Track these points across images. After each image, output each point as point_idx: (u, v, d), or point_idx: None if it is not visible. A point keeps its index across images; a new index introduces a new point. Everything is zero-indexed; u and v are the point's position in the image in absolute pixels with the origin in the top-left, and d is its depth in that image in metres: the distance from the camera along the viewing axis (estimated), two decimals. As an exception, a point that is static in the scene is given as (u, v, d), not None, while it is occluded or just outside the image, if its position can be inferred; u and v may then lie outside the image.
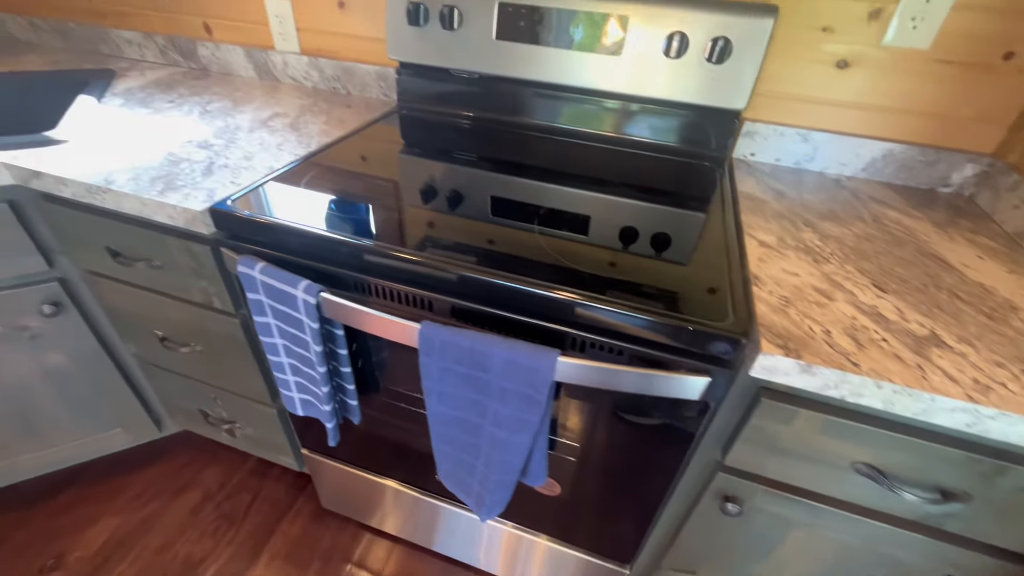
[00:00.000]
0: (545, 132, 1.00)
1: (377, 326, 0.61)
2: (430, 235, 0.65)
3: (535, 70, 0.94)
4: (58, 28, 1.35)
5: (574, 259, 0.62)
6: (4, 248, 0.84)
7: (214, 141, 0.89)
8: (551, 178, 0.84)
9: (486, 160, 0.88)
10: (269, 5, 1.12)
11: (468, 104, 1.03)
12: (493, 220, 0.70)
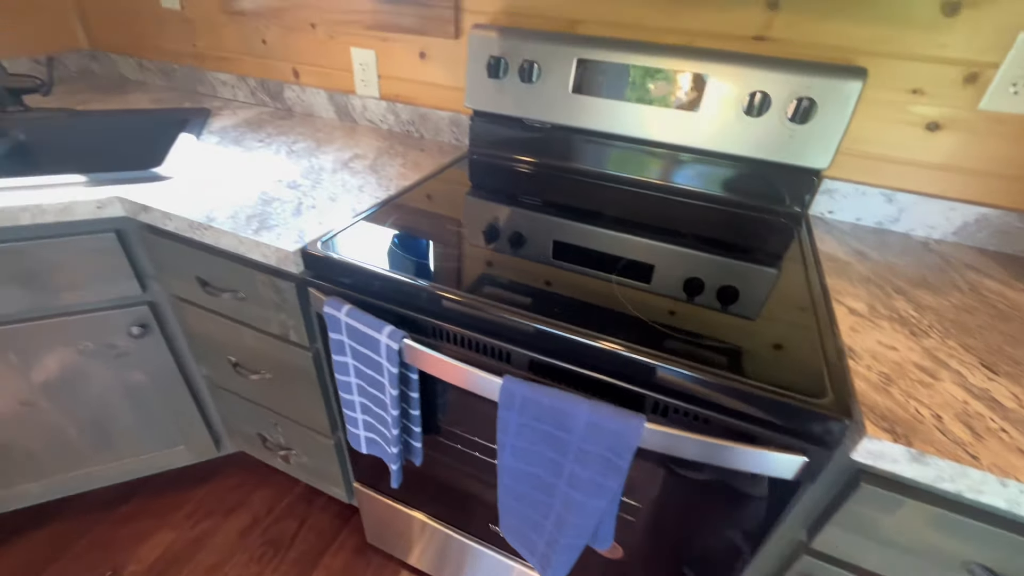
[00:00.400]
0: (617, 182, 1.01)
1: (459, 377, 0.61)
2: (508, 283, 0.66)
3: (608, 122, 0.95)
4: (163, 69, 1.48)
5: (650, 311, 0.61)
6: (106, 273, 0.90)
7: (301, 181, 0.94)
8: (625, 228, 0.84)
9: (560, 207, 0.90)
10: (355, 54, 1.19)
11: (538, 151, 1.06)
12: (569, 268, 0.70)
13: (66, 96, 1.34)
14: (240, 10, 1.27)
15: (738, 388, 0.52)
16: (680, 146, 0.93)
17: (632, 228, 0.85)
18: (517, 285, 0.67)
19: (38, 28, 1.45)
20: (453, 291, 0.64)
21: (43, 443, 1.06)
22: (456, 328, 0.65)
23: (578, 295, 0.66)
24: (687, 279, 0.72)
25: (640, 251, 0.78)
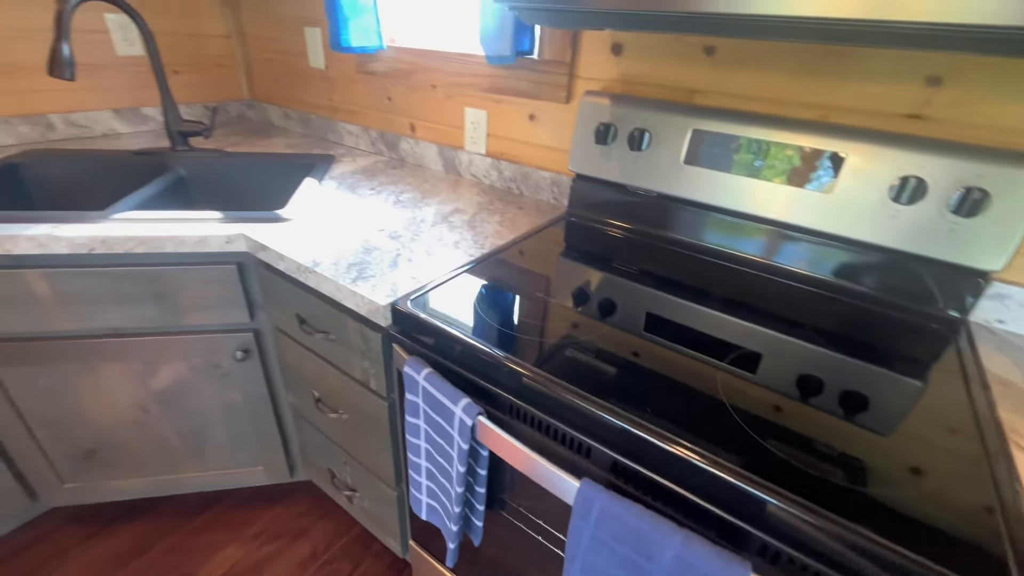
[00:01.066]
0: (727, 259, 0.92)
1: (532, 469, 0.56)
2: (595, 351, 0.60)
3: (722, 196, 0.88)
4: (302, 118, 1.67)
5: (754, 404, 0.52)
6: (223, 300, 0.99)
7: (402, 232, 0.97)
8: (731, 309, 0.75)
9: (658, 279, 0.83)
10: (469, 113, 1.25)
11: (639, 219, 1.01)
12: (662, 343, 0.63)
13: (222, 138, 1.54)
14: (372, 71, 1.39)
15: (879, 554, 0.41)
16: (805, 228, 0.82)
17: (739, 310, 0.76)
18: (604, 353, 0.62)
19: (213, 80, 1.71)
20: (532, 369, 0.60)
21: (149, 445, 1.16)
22: (534, 410, 0.60)
23: (669, 373, 0.59)
24: (802, 375, 0.62)
25: (747, 336, 0.69)
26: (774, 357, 0.66)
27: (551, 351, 0.64)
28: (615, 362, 0.62)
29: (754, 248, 0.89)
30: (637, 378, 0.60)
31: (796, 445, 0.51)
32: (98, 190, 1.30)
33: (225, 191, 1.36)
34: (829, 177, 0.78)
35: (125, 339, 1.00)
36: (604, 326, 0.70)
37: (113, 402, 1.08)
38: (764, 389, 0.59)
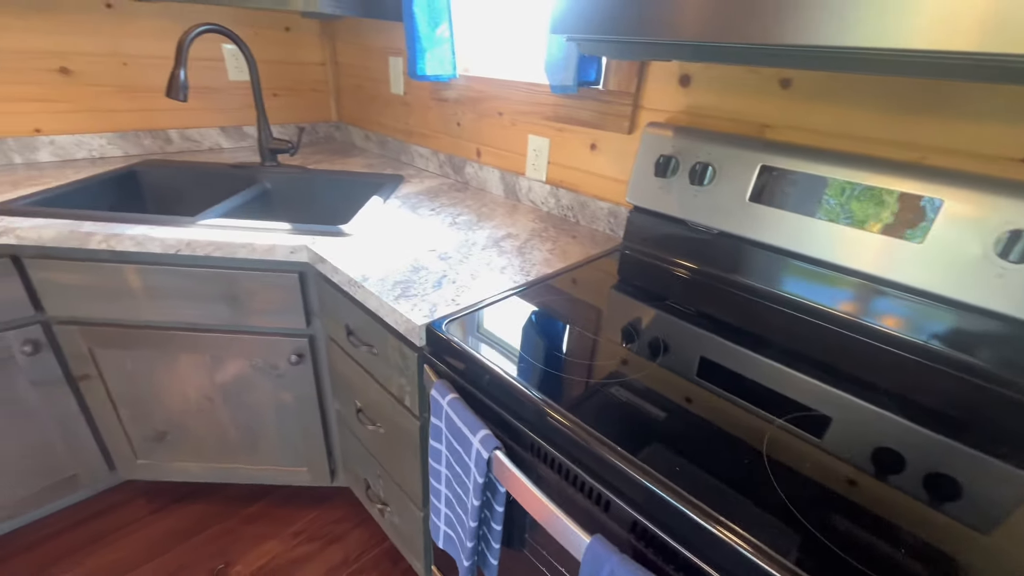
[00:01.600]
0: (792, 307, 0.84)
1: (542, 515, 0.53)
2: (642, 389, 0.56)
3: (791, 239, 0.81)
4: (380, 140, 1.77)
5: (816, 470, 0.45)
6: (284, 306, 1.05)
7: (452, 254, 0.99)
8: (796, 363, 0.67)
9: (715, 322, 0.77)
10: (532, 141, 1.26)
11: (697, 257, 0.95)
12: (714, 391, 0.57)
13: (306, 156, 1.68)
14: (445, 98, 1.45)
15: None
16: (890, 281, 0.73)
17: (805, 365, 0.68)
18: (648, 394, 0.57)
19: (307, 103, 1.87)
20: (554, 406, 0.57)
21: (210, 433, 1.25)
22: (553, 451, 0.57)
23: (720, 424, 0.53)
24: (879, 449, 0.53)
25: (814, 396, 0.61)
26: (846, 424, 0.58)
27: (584, 387, 0.61)
28: (658, 406, 0.58)
29: (827, 299, 0.80)
30: (678, 427, 0.55)
31: (864, 526, 0.44)
32: (197, 196, 1.45)
33: (301, 204, 1.47)
34: (923, 226, 0.69)
35: (198, 333, 1.09)
36: (651, 365, 0.66)
37: (184, 390, 1.18)
38: (831, 457, 0.52)
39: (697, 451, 0.52)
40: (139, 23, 1.44)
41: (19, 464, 1.17)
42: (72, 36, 1.35)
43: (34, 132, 1.37)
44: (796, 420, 0.58)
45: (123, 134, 1.50)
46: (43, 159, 1.40)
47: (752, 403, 0.60)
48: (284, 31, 1.72)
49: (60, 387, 1.15)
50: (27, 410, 1.13)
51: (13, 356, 1.07)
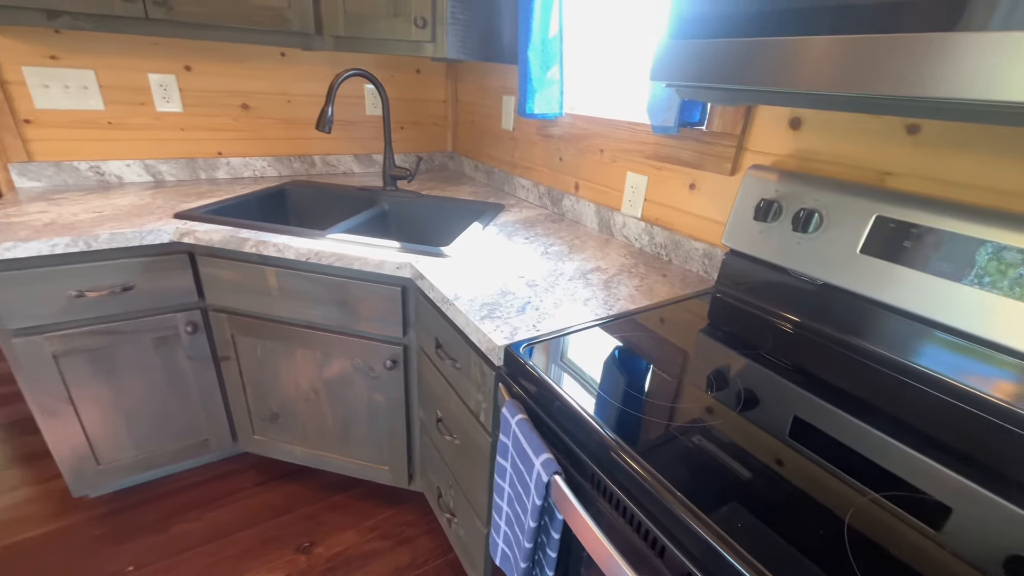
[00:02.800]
0: (910, 376, 0.75)
1: (594, 548, 0.53)
2: (727, 444, 0.54)
3: (911, 299, 0.73)
4: (487, 170, 1.90)
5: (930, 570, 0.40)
6: (385, 315, 1.17)
7: (539, 282, 1.03)
8: (916, 441, 0.60)
9: (814, 380, 0.72)
10: (630, 178, 1.28)
11: (797, 308, 0.88)
12: (808, 456, 0.53)
13: (421, 182, 1.85)
14: (550, 134, 1.53)
15: None
16: None
17: (927, 445, 0.60)
18: (729, 444, 0.55)
19: (428, 135, 2.08)
20: (620, 444, 0.57)
21: (311, 421, 1.40)
22: (613, 486, 0.57)
23: (798, 483, 0.50)
24: (1013, 556, 0.46)
25: (932, 479, 0.54)
26: (970, 518, 0.51)
27: (655, 427, 0.60)
28: (735, 457, 0.56)
29: (947, 368, 0.71)
30: (751, 482, 0.52)
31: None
32: (329, 213, 1.68)
33: (412, 225, 1.62)
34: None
35: (314, 331, 1.25)
36: (734, 416, 0.63)
37: (297, 380, 1.34)
38: (948, 555, 0.46)
39: (767, 509, 0.49)
40: (302, 68, 1.72)
41: (170, 424, 1.41)
42: (253, 79, 1.66)
43: (216, 154, 1.69)
44: (896, 498, 0.52)
45: (279, 158, 1.79)
46: (220, 176, 1.71)
47: (844, 470, 0.55)
48: (415, 72, 1.95)
49: (207, 363, 1.38)
50: (181, 379, 1.37)
51: (178, 333, 1.31)
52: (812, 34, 0.53)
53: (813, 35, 0.53)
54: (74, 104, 1.45)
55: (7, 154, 1.42)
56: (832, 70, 0.52)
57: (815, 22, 0.53)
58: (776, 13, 0.56)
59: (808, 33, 0.53)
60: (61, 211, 1.26)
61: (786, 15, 0.55)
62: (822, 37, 0.52)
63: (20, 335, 1.14)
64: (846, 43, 0.50)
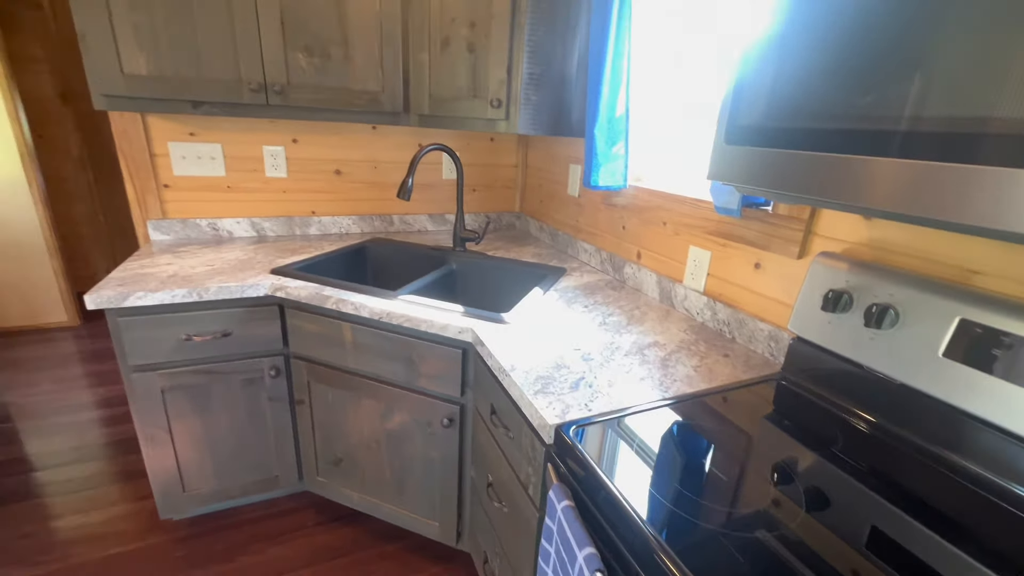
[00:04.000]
0: (995, 494, 0.67)
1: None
2: (794, 542, 0.52)
3: (1000, 413, 0.66)
4: (552, 232, 1.97)
5: None
6: (446, 375, 1.22)
7: (595, 356, 1.04)
8: (998, 566, 0.54)
9: (895, 488, 0.66)
10: (693, 252, 1.28)
11: (874, 408, 0.83)
12: (885, 569, 0.50)
13: (488, 243, 1.95)
14: (614, 203, 1.57)
15: None
16: None
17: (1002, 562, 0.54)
18: (804, 556, 0.53)
19: (497, 197, 2.20)
20: (666, 548, 0.56)
21: (370, 469, 1.46)
22: (657, 594, 0.56)
23: None
24: None
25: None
26: None
27: (704, 529, 0.59)
28: (808, 564, 0.53)
29: (1055, 498, 0.63)
30: (789, 613, 0.49)
31: None
32: (403, 270, 1.80)
33: (478, 285, 1.70)
34: None
35: (380, 384, 1.33)
36: (805, 519, 0.60)
37: (361, 429, 1.42)
38: None
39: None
40: (390, 139, 1.92)
41: (246, 458, 1.54)
42: (347, 149, 1.88)
43: (311, 213, 1.90)
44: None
45: (363, 217, 1.97)
46: (312, 232, 1.91)
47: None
48: (489, 141, 2.10)
49: (284, 405, 1.50)
50: (261, 418, 1.50)
51: (263, 376, 1.45)
52: (875, 155, 0.53)
53: (878, 156, 0.53)
54: (203, 171, 1.71)
55: (148, 212, 1.69)
56: (901, 193, 0.51)
57: (881, 144, 0.53)
58: (839, 133, 0.57)
59: (870, 153, 0.53)
60: (182, 263, 1.47)
61: (851, 135, 0.56)
62: (891, 160, 0.52)
63: (138, 371, 1.32)
64: (917, 169, 0.49)
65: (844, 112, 0.56)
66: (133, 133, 1.60)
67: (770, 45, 0.64)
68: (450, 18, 1.47)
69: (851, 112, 0.55)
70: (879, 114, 0.52)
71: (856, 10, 0.54)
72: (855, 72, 0.54)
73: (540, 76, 1.46)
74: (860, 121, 0.54)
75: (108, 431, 2.08)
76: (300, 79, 1.46)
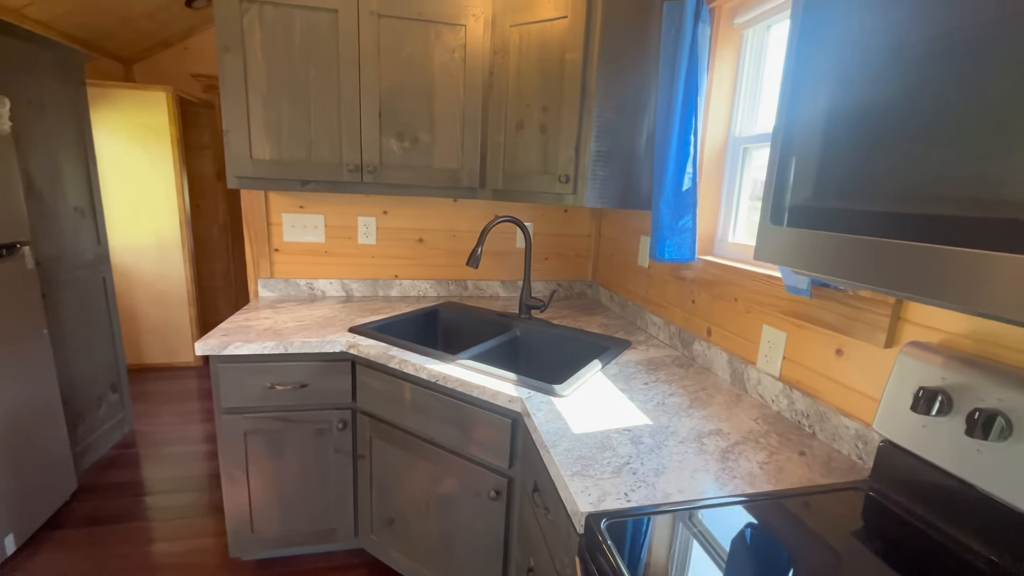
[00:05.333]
0: None
1: None
2: None
3: None
4: (621, 302, 1.93)
5: None
6: (495, 444, 1.21)
7: (646, 439, 0.97)
8: None
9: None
10: (766, 331, 1.18)
11: (989, 540, 0.67)
12: None
13: (556, 310, 1.96)
14: (684, 276, 1.52)
15: None
16: None
17: None
18: None
19: (569, 265, 2.23)
20: None
21: (419, 533, 1.45)
22: None
23: None
24: None
25: None
26: None
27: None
28: None
29: None
30: None
31: None
32: (470, 333, 1.86)
33: (538, 353, 1.70)
34: None
35: (433, 447, 1.35)
36: None
37: (413, 491, 1.43)
38: None
39: None
40: (467, 211, 2.06)
41: (310, 507, 1.60)
42: (429, 219, 2.04)
43: (394, 277, 2.07)
44: None
45: (440, 281, 2.09)
46: (393, 294, 2.06)
47: None
48: (563, 213, 2.16)
49: (347, 459, 1.57)
50: (326, 469, 1.58)
51: (332, 428, 1.54)
52: (952, 244, 0.46)
53: (961, 247, 0.45)
54: (307, 238, 1.95)
55: (259, 271, 1.95)
56: (1009, 294, 0.43)
57: (963, 233, 0.46)
58: (913, 217, 0.51)
59: (945, 242, 0.47)
60: (277, 318, 1.65)
61: (928, 221, 0.49)
62: (981, 252, 0.44)
63: (228, 413, 1.47)
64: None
65: (918, 192, 0.50)
66: (256, 206, 1.89)
67: (816, 108, 0.61)
68: (524, 103, 1.59)
69: (925, 192, 0.49)
70: (960, 195, 0.46)
71: (942, 65, 0.51)
72: (932, 142, 0.50)
73: (608, 153, 1.50)
74: (939, 204, 0.49)
75: (206, 465, 2.30)
76: (391, 160, 1.65)
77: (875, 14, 0.54)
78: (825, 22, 0.60)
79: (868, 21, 0.55)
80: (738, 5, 1.35)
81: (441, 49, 1.61)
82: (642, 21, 1.45)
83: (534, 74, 1.56)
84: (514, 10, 1.56)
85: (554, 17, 1.48)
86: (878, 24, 0.53)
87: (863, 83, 0.55)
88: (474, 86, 1.65)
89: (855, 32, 0.56)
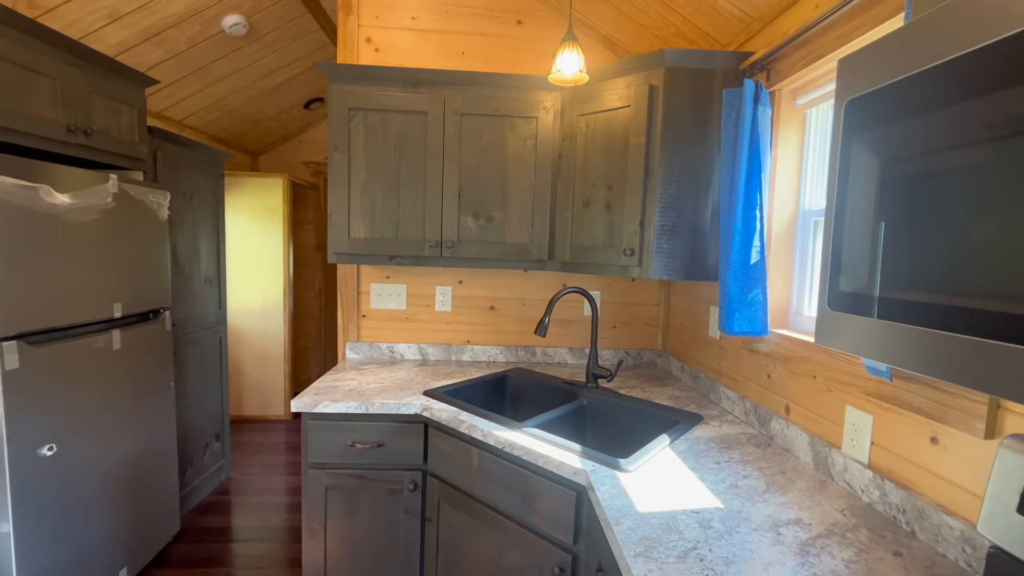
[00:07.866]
0: None
1: None
2: None
3: None
4: (693, 374, 1.88)
5: None
6: (559, 517, 1.20)
7: (716, 524, 0.94)
8: None
9: None
10: (850, 413, 1.11)
11: None
12: None
13: (624, 379, 1.94)
14: (757, 350, 1.47)
15: None
16: None
17: None
18: None
19: (638, 334, 2.22)
20: None
21: (483, 609, 1.43)
22: None
23: None
24: None
25: None
26: None
27: None
28: None
29: None
30: None
31: None
32: (537, 400, 1.89)
33: (604, 424, 1.68)
34: None
35: (498, 516, 1.36)
36: None
37: (476, 560, 1.43)
38: None
39: None
40: (536, 281, 2.17)
41: (377, 567, 1.64)
42: (500, 288, 2.16)
43: (466, 342, 2.18)
44: None
45: (509, 347, 2.17)
46: (465, 359, 2.17)
47: None
48: (631, 282, 2.20)
49: (416, 521, 1.61)
50: (396, 529, 1.63)
51: (403, 489, 1.60)
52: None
53: None
54: (391, 306, 2.14)
55: (347, 335, 2.15)
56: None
57: None
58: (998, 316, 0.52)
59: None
60: (361, 379, 1.80)
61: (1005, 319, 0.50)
62: None
63: (313, 468, 1.60)
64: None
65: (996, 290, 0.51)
66: (350, 277, 2.12)
67: (867, 197, 0.63)
68: (591, 183, 1.71)
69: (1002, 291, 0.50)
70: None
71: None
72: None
73: (672, 227, 1.55)
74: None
75: (288, 517, 2.44)
76: (467, 236, 1.81)
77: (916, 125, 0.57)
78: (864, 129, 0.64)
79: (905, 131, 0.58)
80: (799, 88, 1.40)
81: (515, 138, 1.79)
82: (703, 105, 1.53)
83: (599, 157, 1.68)
84: (581, 102, 1.72)
85: (618, 107, 1.61)
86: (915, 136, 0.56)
87: (914, 174, 0.57)
88: (544, 169, 1.79)
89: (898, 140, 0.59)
